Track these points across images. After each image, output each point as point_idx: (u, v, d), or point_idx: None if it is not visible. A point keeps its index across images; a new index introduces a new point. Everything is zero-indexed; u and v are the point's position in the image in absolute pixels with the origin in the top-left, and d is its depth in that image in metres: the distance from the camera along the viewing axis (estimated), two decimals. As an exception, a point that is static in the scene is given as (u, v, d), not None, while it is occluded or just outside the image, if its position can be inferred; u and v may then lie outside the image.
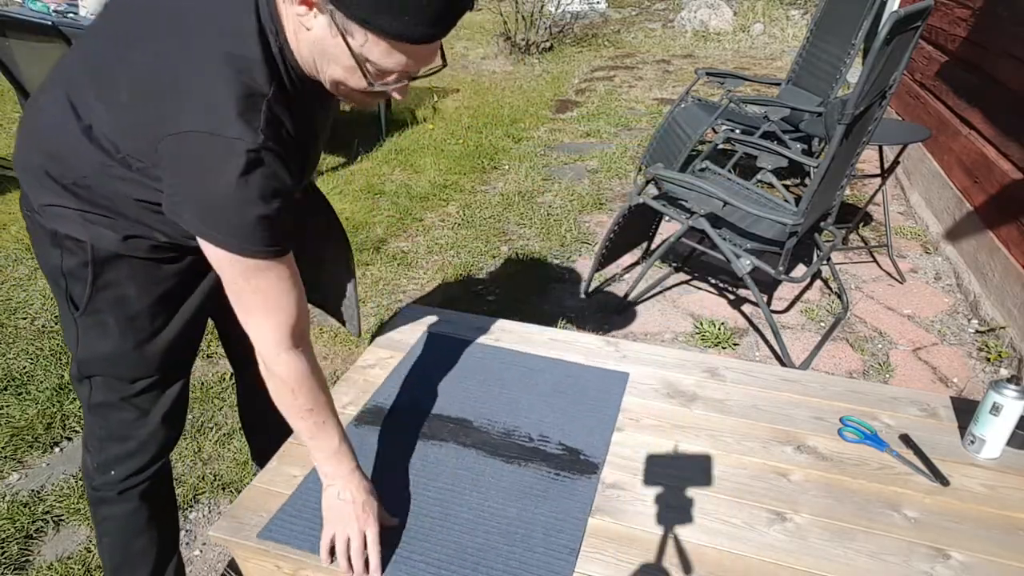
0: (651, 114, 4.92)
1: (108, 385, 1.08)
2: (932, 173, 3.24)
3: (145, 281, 1.01)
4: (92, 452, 1.14)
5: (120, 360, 1.05)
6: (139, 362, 1.06)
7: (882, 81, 1.95)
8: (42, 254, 1.01)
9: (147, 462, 1.15)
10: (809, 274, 2.35)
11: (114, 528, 1.20)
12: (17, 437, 1.87)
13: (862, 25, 3.00)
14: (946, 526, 1.02)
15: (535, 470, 1.14)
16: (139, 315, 1.03)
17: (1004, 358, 2.22)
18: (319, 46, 0.80)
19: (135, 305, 1.02)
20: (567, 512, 1.05)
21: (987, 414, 1.13)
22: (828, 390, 1.34)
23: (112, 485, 1.14)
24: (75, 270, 0.98)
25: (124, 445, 1.12)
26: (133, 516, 1.18)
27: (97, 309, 1.00)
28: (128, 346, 1.04)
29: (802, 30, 7.07)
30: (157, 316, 1.04)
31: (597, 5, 9.16)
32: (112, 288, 0.99)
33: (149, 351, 1.06)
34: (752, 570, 0.95)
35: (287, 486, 1.11)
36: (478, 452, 1.18)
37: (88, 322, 1.02)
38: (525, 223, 3.23)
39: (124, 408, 1.09)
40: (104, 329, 1.02)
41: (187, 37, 0.81)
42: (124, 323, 1.02)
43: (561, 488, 1.10)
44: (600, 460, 1.16)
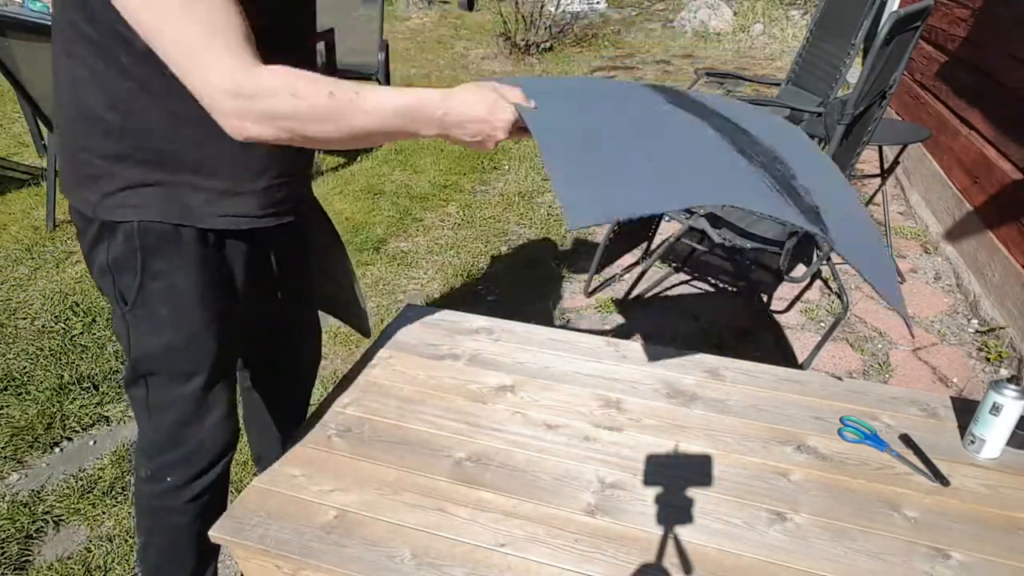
0: (651, 114, 4.92)
1: (164, 385, 1.06)
2: (932, 173, 3.24)
3: (193, 269, 0.99)
4: (147, 458, 1.12)
5: (175, 355, 1.03)
6: (193, 356, 1.04)
7: (882, 81, 1.95)
8: (93, 258, 0.98)
9: (204, 467, 1.13)
10: (809, 274, 2.35)
11: (166, 537, 1.18)
12: (17, 437, 1.87)
13: (862, 25, 3.00)
14: (946, 526, 1.02)
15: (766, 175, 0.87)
16: (189, 306, 1.00)
17: (1004, 358, 2.22)
18: None
19: (185, 296, 0.99)
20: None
21: (987, 414, 1.13)
22: (828, 390, 1.34)
23: (172, 493, 1.12)
24: (122, 260, 0.95)
25: (181, 449, 1.11)
26: (189, 526, 1.16)
27: (148, 299, 0.98)
28: (181, 339, 1.01)
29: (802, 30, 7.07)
30: (207, 307, 1.02)
31: (597, 5, 9.16)
32: (161, 278, 0.97)
33: (203, 344, 1.04)
34: (752, 570, 0.95)
35: (287, 486, 1.11)
36: (735, 150, 0.89)
37: (140, 315, 0.99)
38: (525, 223, 3.23)
39: (180, 409, 1.07)
40: (156, 321, 1.00)
41: None
42: (176, 314, 1.00)
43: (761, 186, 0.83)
44: (837, 242, 0.87)
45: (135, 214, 0.93)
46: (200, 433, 1.10)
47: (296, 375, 1.44)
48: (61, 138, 0.94)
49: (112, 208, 0.93)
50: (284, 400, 1.47)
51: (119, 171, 0.91)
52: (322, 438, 1.21)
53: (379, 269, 2.80)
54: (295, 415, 1.53)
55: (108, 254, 0.96)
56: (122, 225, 0.93)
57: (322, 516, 1.05)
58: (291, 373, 1.41)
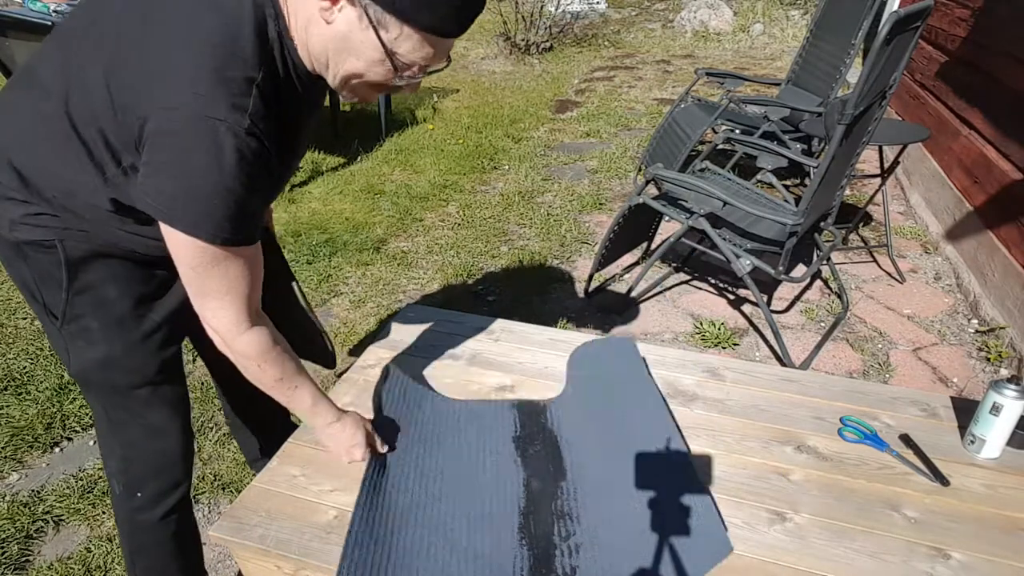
0: (651, 114, 4.92)
1: (112, 399, 1.05)
2: (932, 173, 3.24)
3: (125, 280, 0.97)
4: (117, 474, 1.11)
5: (113, 367, 1.01)
6: (134, 367, 1.03)
7: (882, 81, 1.95)
8: (13, 272, 0.96)
9: (174, 479, 1.13)
10: (809, 274, 2.35)
11: (148, 554, 1.18)
12: (17, 437, 1.87)
13: (862, 25, 3.00)
14: (946, 526, 1.02)
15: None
16: (123, 318, 0.99)
17: (1004, 358, 2.22)
18: (340, 41, 0.79)
19: (117, 307, 0.98)
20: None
21: (987, 414, 1.13)
22: (828, 390, 1.34)
23: (146, 509, 1.12)
24: (46, 276, 0.93)
25: (147, 463, 1.10)
26: (167, 543, 1.16)
27: (78, 315, 0.96)
28: (118, 351, 1.00)
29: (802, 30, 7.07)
30: (141, 317, 1.01)
31: (597, 5, 9.16)
32: (91, 291, 0.95)
33: (141, 354, 1.02)
34: (752, 570, 0.95)
35: (287, 486, 1.11)
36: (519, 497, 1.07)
37: (72, 330, 0.98)
38: (525, 223, 3.23)
39: (136, 422, 1.07)
40: (89, 335, 0.98)
41: (176, 12, 0.78)
42: (110, 327, 0.98)
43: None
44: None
45: (55, 234, 0.91)
46: (161, 443, 1.10)
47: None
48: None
49: (30, 228, 0.91)
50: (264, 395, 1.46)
51: (46, 209, 0.90)
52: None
53: (379, 269, 2.80)
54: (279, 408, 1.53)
55: (29, 270, 0.94)
56: (42, 242, 0.91)
57: (322, 516, 1.05)
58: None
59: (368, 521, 1.01)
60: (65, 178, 0.87)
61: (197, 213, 0.78)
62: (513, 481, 1.10)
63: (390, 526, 1.01)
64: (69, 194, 0.88)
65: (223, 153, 0.75)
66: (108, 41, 0.80)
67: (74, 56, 0.83)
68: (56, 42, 0.88)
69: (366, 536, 0.99)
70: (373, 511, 1.03)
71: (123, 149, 0.82)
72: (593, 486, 1.08)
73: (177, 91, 0.74)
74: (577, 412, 1.25)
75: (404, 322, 1.57)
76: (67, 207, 0.89)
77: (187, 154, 0.76)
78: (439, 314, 1.62)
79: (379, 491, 1.07)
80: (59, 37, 0.88)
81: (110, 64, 0.79)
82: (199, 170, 0.76)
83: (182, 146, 0.75)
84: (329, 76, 0.85)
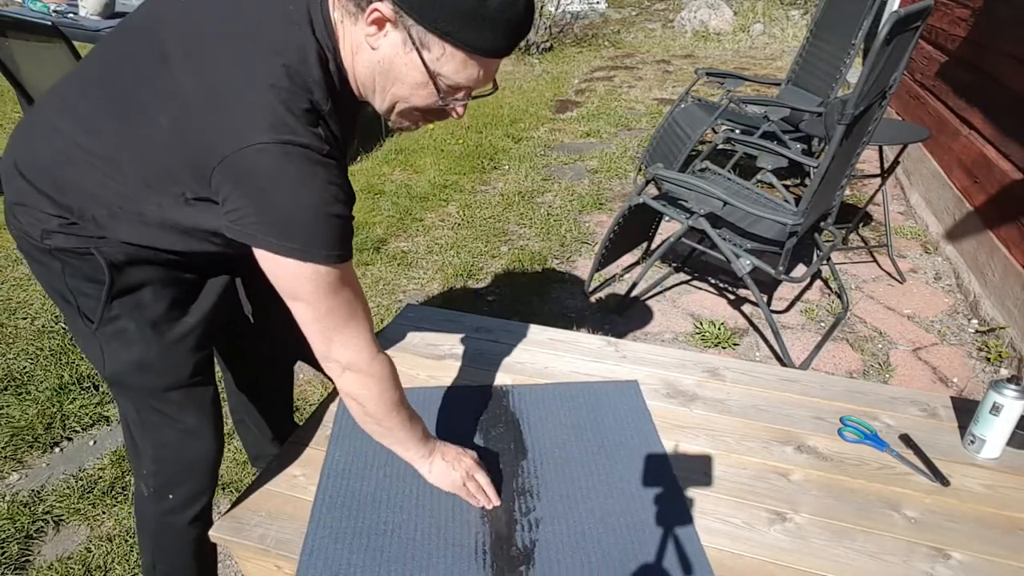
0: (651, 114, 4.92)
1: (145, 401, 1.05)
2: (932, 173, 3.24)
3: (160, 283, 0.98)
4: (148, 476, 1.11)
5: (148, 369, 1.01)
6: (168, 369, 1.03)
7: (882, 81, 1.95)
8: (43, 276, 0.96)
9: (204, 481, 1.13)
10: (809, 274, 2.35)
11: (172, 555, 1.18)
12: (17, 437, 1.87)
13: (862, 25, 3.00)
14: (946, 526, 1.02)
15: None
16: (159, 320, 0.99)
17: (1004, 358, 2.22)
18: (385, 64, 0.81)
19: (153, 309, 0.98)
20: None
21: (987, 414, 1.13)
22: (828, 390, 1.34)
23: (177, 511, 1.12)
24: (82, 279, 0.93)
25: (180, 465, 1.10)
26: (192, 544, 1.16)
27: (115, 317, 0.96)
28: (153, 353, 1.00)
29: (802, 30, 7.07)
30: (176, 320, 1.01)
31: (597, 5, 9.16)
32: (128, 293, 0.96)
33: (176, 355, 1.02)
34: (752, 570, 0.95)
35: (287, 486, 1.11)
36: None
37: (108, 332, 0.97)
38: (525, 223, 3.23)
39: (169, 424, 1.06)
40: (126, 337, 0.98)
41: (238, 53, 0.78)
42: (145, 329, 0.98)
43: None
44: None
45: (91, 243, 0.90)
46: (197, 446, 1.10)
47: (273, 365, 1.43)
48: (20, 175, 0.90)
49: (64, 237, 0.90)
50: (268, 394, 1.47)
51: (77, 229, 0.90)
52: (322, 438, 1.21)
53: (379, 269, 2.80)
54: (283, 407, 1.53)
55: (65, 276, 0.93)
56: (76, 249, 0.91)
57: (322, 516, 1.05)
58: (268, 364, 1.41)
59: (332, 507, 1.05)
60: (110, 202, 0.87)
61: (310, 236, 0.80)
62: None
63: (355, 509, 1.04)
64: (112, 216, 0.88)
65: (316, 177, 0.78)
66: (165, 79, 0.80)
67: (124, 83, 0.83)
68: (99, 61, 0.88)
69: (330, 520, 1.02)
70: (336, 497, 1.07)
71: (195, 186, 0.82)
72: (555, 464, 1.14)
73: (259, 129, 0.75)
74: (542, 396, 1.32)
75: (404, 322, 1.57)
76: (103, 224, 0.89)
77: (284, 185, 0.77)
78: (439, 314, 1.62)
79: (343, 476, 1.11)
80: (104, 63, 0.87)
81: (173, 103, 0.79)
82: (302, 196, 0.78)
83: (277, 178, 0.77)
84: (377, 102, 0.87)
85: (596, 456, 1.16)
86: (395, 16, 0.76)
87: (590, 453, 1.16)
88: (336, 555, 0.97)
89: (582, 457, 1.15)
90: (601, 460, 1.15)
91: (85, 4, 3.54)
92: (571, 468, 1.13)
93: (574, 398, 1.31)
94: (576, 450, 1.17)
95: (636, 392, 1.33)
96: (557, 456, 1.16)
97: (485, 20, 0.75)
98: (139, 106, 0.81)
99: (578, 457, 1.15)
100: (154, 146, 0.81)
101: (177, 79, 0.79)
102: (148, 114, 0.80)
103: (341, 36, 0.81)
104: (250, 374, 1.40)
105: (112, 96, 0.84)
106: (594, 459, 1.15)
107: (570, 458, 1.15)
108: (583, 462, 1.14)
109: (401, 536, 1.00)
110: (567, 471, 1.12)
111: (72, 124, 0.86)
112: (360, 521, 1.02)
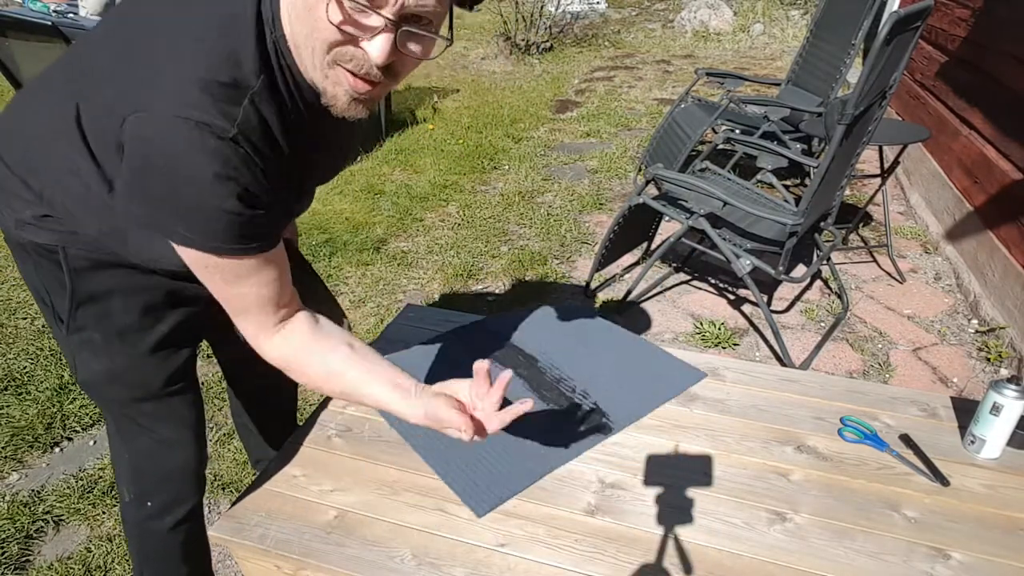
0: (651, 114, 4.92)
1: (119, 411, 1.03)
2: (932, 173, 3.24)
3: (130, 291, 0.94)
4: (127, 483, 1.10)
5: (118, 380, 0.99)
6: (138, 382, 1.00)
7: (882, 81, 1.95)
8: (24, 272, 0.95)
9: (188, 490, 1.12)
10: (809, 274, 2.35)
11: (156, 561, 1.17)
12: (17, 437, 1.88)
13: (862, 25, 3.00)
14: (946, 526, 1.02)
15: (561, 414, 1.24)
16: (127, 330, 0.95)
17: (1004, 358, 2.22)
18: (304, 11, 0.69)
19: (121, 319, 0.95)
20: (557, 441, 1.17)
21: (987, 414, 1.13)
22: (828, 390, 1.34)
23: (156, 518, 1.11)
24: (53, 281, 0.91)
25: (158, 474, 1.09)
26: (176, 552, 1.15)
27: (81, 326, 0.93)
28: (122, 363, 0.97)
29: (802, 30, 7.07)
30: (148, 329, 0.97)
31: (597, 5, 9.16)
32: (94, 302, 0.93)
33: (147, 367, 0.99)
34: (752, 570, 0.95)
35: (287, 486, 1.11)
36: (524, 384, 1.30)
37: (75, 341, 0.95)
38: (525, 223, 3.23)
39: (145, 434, 1.05)
40: (93, 347, 0.95)
41: (173, 23, 0.73)
42: (112, 340, 0.95)
43: (569, 431, 1.21)
44: (617, 426, 1.23)
45: (59, 239, 0.88)
46: (175, 456, 1.08)
47: (274, 371, 1.43)
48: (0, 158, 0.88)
49: (35, 230, 0.88)
50: (270, 400, 1.46)
51: (47, 211, 0.88)
52: (322, 438, 1.21)
53: (379, 269, 2.80)
54: (286, 414, 1.52)
55: (38, 275, 0.91)
56: (46, 246, 0.89)
57: (322, 516, 1.05)
58: (268, 370, 1.40)
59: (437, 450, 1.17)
60: (74, 186, 0.84)
61: (184, 222, 0.73)
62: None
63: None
64: (79, 200, 0.85)
65: (205, 162, 0.69)
66: (114, 49, 0.78)
67: (84, 61, 0.81)
68: (76, 47, 0.86)
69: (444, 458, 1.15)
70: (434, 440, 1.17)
71: (116, 159, 0.75)
72: (564, 358, 1.38)
73: (161, 95, 0.69)
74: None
75: (404, 322, 1.57)
76: (71, 212, 0.87)
77: (168, 160, 0.70)
78: (439, 314, 1.62)
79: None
80: (81, 42, 0.86)
81: (112, 71, 0.75)
82: (180, 178, 0.70)
83: (162, 152, 0.69)
84: (317, 76, 0.74)
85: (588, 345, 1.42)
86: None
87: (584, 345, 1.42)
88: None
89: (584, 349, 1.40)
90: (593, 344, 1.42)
91: (85, 4, 3.54)
92: (580, 359, 1.37)
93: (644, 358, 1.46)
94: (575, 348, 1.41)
95: (690, 382, 1.39)
96: (565, 352, 1.40)
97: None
98: (93, 79, 0.78)
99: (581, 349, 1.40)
100: (99, 119, 0.77)
101: (127, 51, 0.75)
102: (100, 86, 0.76)
103: (288, 22, 0.72)
104: (251, 380, 1.40)
105: (78, 73, 0.82)
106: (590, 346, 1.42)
107: (577, 352, 1.39)
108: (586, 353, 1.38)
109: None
110: (578, 360, 1.37)
111: (45, 105, 0.84)
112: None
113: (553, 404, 1.26)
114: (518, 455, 1.14)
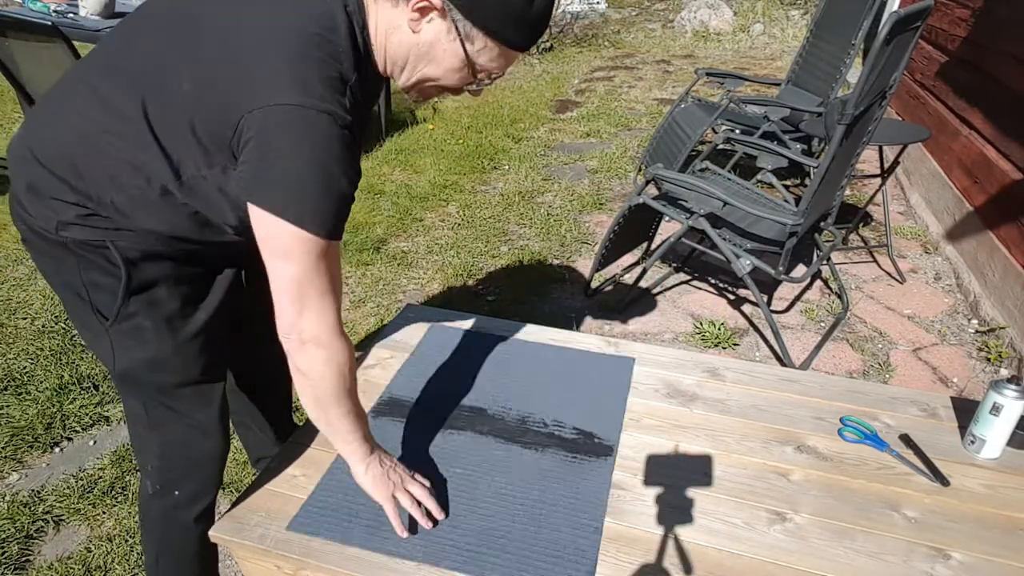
0: (651, 114, 4.92)
1: (156, 397, 1.05)
2: (932, 173, 3.24)
3: (173, 280, 0.98)
4: (153, 473, 1.10)
5: (162, 365, 1.01)
6: (181, 365, 1.03)
7: (882, 81, 1.95)
8: (55, 272, 0.96)
9: (215, 478, 1.14)
10: (809, 274, 2.35)
11: (175, 552, 1.18)
12: (17, 437, 1.87)
13: (862, 25, 3.00)
14: (946, 526, 1.02)
15: (552, 454, 1.17)
16: (173, 316, 0.99)
17: (1004, 358, 2.22)
18: (424, 48, 0.86)
19: (167, 306, 0.98)
20: (587, 492, 1.08)
21: (987, 414, 1.13)
22: (828, 390, 1.34)
23: (183, 507, 1.12)
24: (97, 275, 0.93)
25: (188, 461, 1.10)
26: (195, 542, 1.16)
27: (132, 313, 0.96)
28: (168, 349, 1.00)
29: (802, 30, 7.07)
30: (189, 316, 1.01)
31: (597, 5, 9.16)
32: (145, 290, 0.96)
33: (189, 352, 1.03)
34: (752, 570, 0.95)
35: (287, 486, 1.11)
36: (496, 439, 1.21)
37: (122, 329, 0.97)
38: (525, 223, 3.23)
39: (179, 421, 1.06)
40: (141, 334, 0.98)
41: (268, 19, 0.81)
42: (161, 325, 0.98)
43: (579, 470, 1.14)
44: (614, 442, 1.20)
45: (106, 235, 0.90)
46: (206, 443, 1.10)
47: (275, 364, 1.43)
48: (36, 160, 0.89)
49: (79, 228, 0.89)
50: (270, 394, 1.47)
51: (97, 213, 0.89)
52: (322, 439, 1.21)
53: (379, 269, 2.80)
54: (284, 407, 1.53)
55: (80, 272, 0.93)
56: (92, 242, 0.90)
57: (322, 516, 1.05)
58: (269, 364, 1.40)
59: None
60: (131, 181, 0.87)
61: (313, 204, 0.81)
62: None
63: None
64: (135, 195, 0.88)
65: (333, 146, 0.79)
66: (185, 44, 0.82)
67: (140, 60, 0.85)
68: (114, 48, 0.89)
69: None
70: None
71: (215, 150, 0.83)
72: (505, 393, 1.33)
73: (285, 90, 0.77)
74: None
75: (404, 322, 1.57)
76: (122, 211, 0.89)
77: (302, 147, 0.78)
78: (439, 314, 1.62)
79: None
80: (122, 42, 0.89)
81: (196, 67, 0.81)
82: (315, 161, 0.79)
83: (295, 138, 0.78)
84: (402, 78, 0.91)
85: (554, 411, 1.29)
86: (443, 7, 0.82)
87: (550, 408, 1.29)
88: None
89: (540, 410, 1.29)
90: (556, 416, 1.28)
91: (85, 4, 3.54)
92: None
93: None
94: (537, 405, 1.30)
95: (627, 369, 1.40)
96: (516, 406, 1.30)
97: (526, 22, 0.84)
98: (161, 75, 0.83)
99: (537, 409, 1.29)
100: (174, 111, 0.83)
101: (205, 45, 0.82)
102: (170, 81, 0.82)
103: (372, 14, 0.86)
104: (251, 374, 1.40)
105: (134, 70, 0.85)
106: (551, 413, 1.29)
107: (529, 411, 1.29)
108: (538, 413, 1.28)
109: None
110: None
111: (92, 104, 0.86)
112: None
113: (538, 446, 1.19)
114: (566, 527, 1.03)
